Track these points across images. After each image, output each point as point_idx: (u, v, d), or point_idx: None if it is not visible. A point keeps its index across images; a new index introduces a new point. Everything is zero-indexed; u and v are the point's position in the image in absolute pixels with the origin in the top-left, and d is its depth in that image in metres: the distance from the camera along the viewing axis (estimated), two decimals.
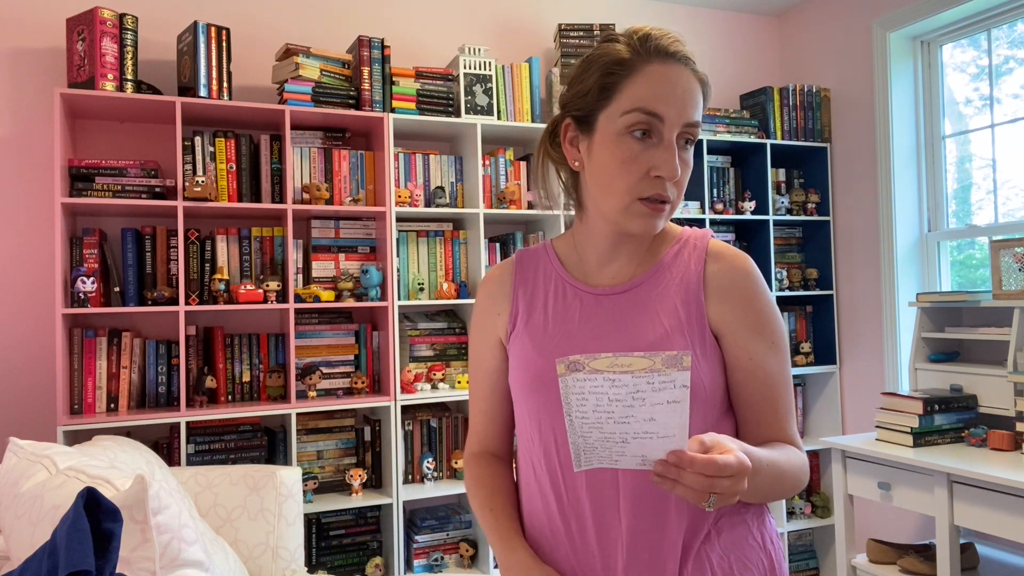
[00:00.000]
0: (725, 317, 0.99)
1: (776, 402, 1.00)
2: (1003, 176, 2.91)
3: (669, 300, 1.01)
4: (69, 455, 1.50)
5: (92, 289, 2.30)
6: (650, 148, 0.96)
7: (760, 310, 1.00)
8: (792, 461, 0.98)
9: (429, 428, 2.82)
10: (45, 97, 2.53)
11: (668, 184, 0.97)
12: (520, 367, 1.07)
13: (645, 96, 0.95)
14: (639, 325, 1.00)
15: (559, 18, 3.30)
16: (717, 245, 1.04)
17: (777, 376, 1.00)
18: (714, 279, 1.01)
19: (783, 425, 1.01)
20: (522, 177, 2.99)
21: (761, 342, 0.99)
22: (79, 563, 0.97)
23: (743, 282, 1.01)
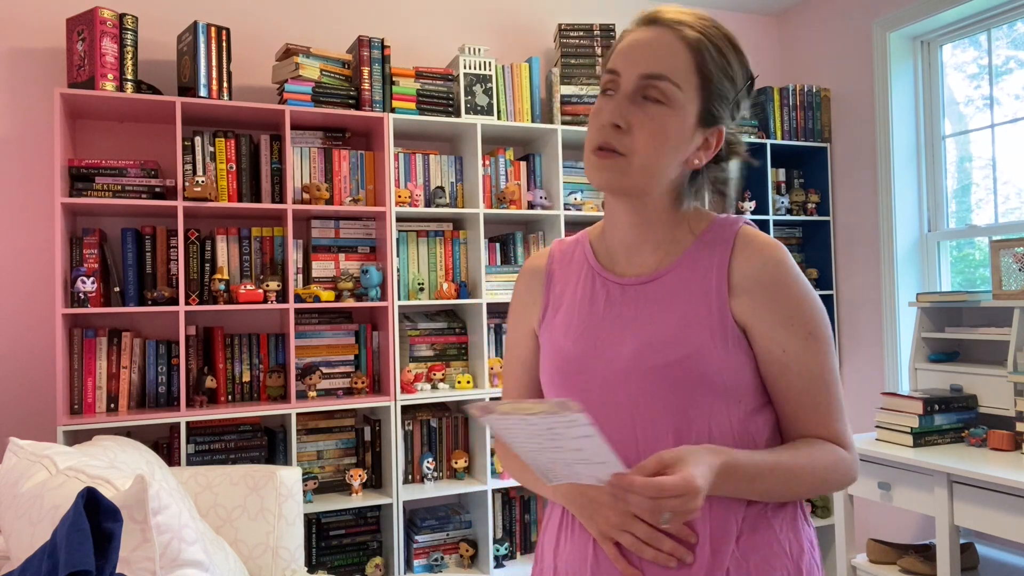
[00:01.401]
0: (751, 310, 0.95)
1: (816, 396, 0.96)
2: (1003, 176, 2.91)
3: (692, 292, 0.98)
4: (69, 455, 1.50)
5: (92, 289, 2.30)
6: (607, 101, 0.98)
7: (791, 300, 0.95)
8: (818, 458, 0.94)
9: (429, 428, 2.82)
10: (45, 97, 2.53)
11: (617, 135, 0.95)
12: (547, 358, 1.06)
13: (610, 56, 1.00)
14: (660, 318, 0.98)
15: (559, 18, 3.30)
16: (747, 233, 1.00)
17: (815, 369, 0.95)
18: (739, 270, 0.97)
19: (825, 420, 0.96)
20: (522, 177, 2.99)
21: (794, 334, 0.95)
22: (79, 563, 0.97)
23: (771, 273, 0.96)
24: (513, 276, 2.89)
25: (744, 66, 1.01)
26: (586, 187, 3.10)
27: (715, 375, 0.94)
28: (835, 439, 0.97)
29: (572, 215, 2.90)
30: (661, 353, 0.95)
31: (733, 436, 0.95)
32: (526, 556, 2.90)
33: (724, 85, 0.99)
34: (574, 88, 2.99)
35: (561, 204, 2.88)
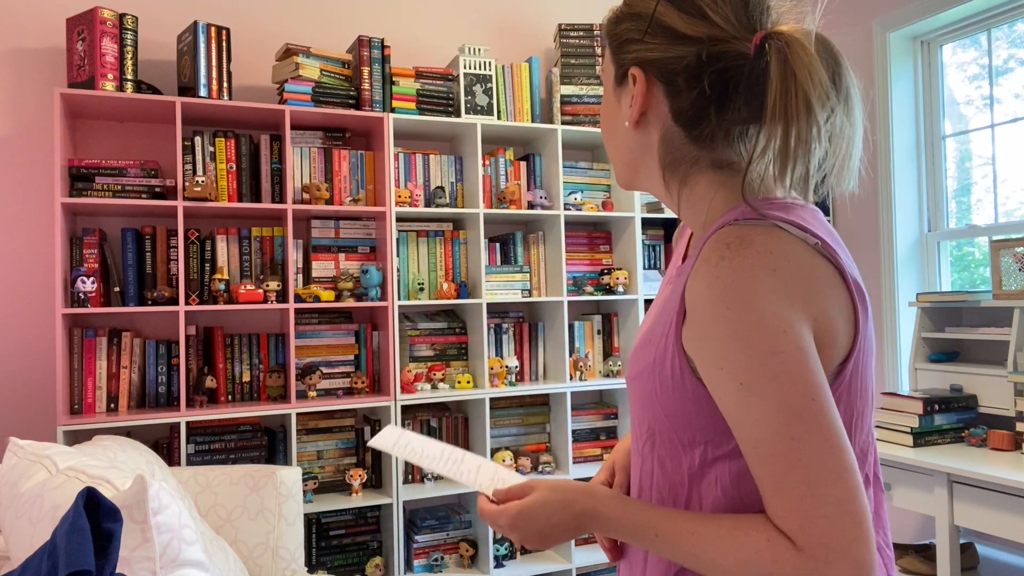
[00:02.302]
0: (692, 343, 0.75)
1: (756, 468, 0.70)
2: (1003, 176, 2.91)
3: (667, 305, 0.81)
4: (69, 455, 1.50)
5: (92, 289, 2.30)
6: None
7: (717, 339, 0.71)
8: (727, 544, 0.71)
9: (429, 428, 2.81)
10: (45, 97, 2.53)
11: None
12: None
13: None
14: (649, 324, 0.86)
15: (559, 18, 3.30)
16: (716, 238, 0.74)
17: (751, 432, 0.70)
18: (688, 294, 0.75)
19: (772, 502, 0.69)
20: (522, 177, 2.99)
21: (723, 384, 0.72)
22: (79, 563, 0.97)
23: (703, 300, 0.73)
24: (513, 276, 2.89)
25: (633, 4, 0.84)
26: (586, 187, 3.10)
27: (656, 408, 0.81)
28: (785, 529, 0.68)
29: (572, 215, 2.90)
30: (629, 365, 0.87)
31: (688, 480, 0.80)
32: (526, 556, 2.90)
33: (622, 28, 0.84)
34: (574, 88, 2.99)
35: (561, 204, 2.88)
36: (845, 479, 0.67)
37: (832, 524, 0.66)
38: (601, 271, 3.09)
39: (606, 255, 3.13)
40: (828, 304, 0.73)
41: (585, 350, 3.06)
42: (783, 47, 0.72)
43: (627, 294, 2.99)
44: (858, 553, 0.65)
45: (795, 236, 0.73)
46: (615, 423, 3.10)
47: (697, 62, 0.77)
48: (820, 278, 0.73)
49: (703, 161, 0.82)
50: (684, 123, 0.80)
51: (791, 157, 0.72)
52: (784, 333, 0.69)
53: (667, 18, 0.79)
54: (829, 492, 0.66)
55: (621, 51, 0.84)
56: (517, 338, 2.97)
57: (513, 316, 3.01)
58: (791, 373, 0.69)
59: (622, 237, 3.08)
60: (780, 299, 0.70)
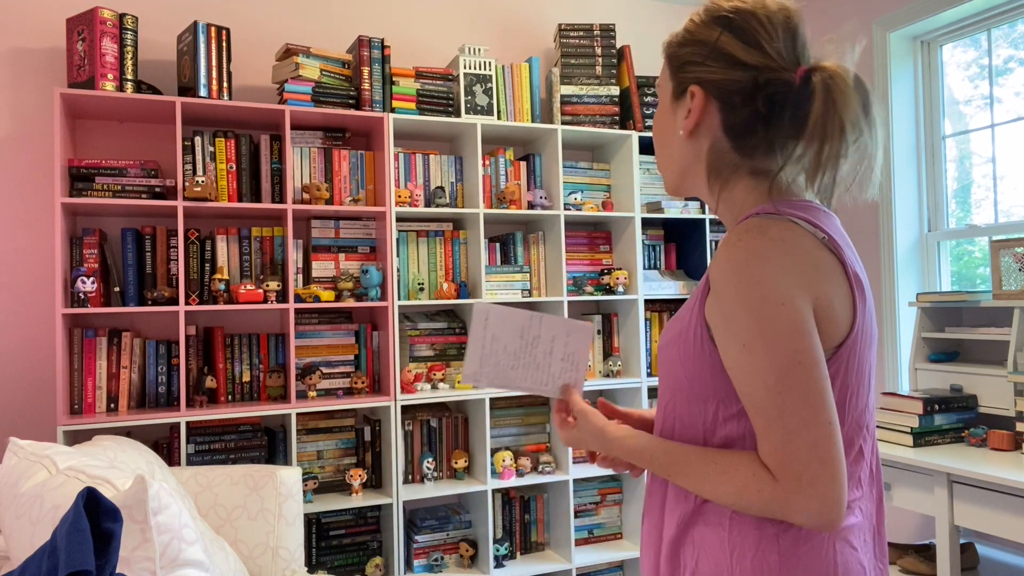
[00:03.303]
0: (711, 314, 0.91)
1: (753, 417, 0.86)
2: (1003, 175, 2.91)
3: (699, 289, 0.97)
4: (69, 455, 1.50)
5: (92, 289, 2.30)
6: None
7: (728, 305, 0.87)
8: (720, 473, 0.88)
9: (429, 428, 2.82)
10: (45, 97, 2.53)
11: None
12: None
13: None
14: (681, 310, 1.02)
15: (559, 18, 3.30)
16: (737, 230, 0.90)
17: (748, 387, 0.86)
18: (710, 271, 0.92)
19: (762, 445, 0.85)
20: (522, 177, 2.99)
21: (730, 344, 0.88)
22: (79, 563, 0.97)
23: (720, 274, 0.88)
24: (513, 276, 2.89)
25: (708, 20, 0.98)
26: (586, 187, 3.10)
27: (679, 370, 0.96)
28: (770, 466, 0.85)
29: (572, 215, 2.90)
30: (662, 337, 1.02)
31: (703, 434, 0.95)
32: (526, 556, 2.90)
33: (685, 51, 1.00)
34: (574, 88, 2.99)
35: (561, 204, 2.88)
36: (819, 428, 0.82)
37: (804, 463, 0.82)
38: (601, 271, 3.09)
39: (606, 255, 3.13)
40: (829, 289, 0.87)
41: None
42: (828, 79, 0.89)
43: (627, 294, 2.99)
44: (823, 488, 0.81)
45: (806, 230, 0.89)
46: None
47: (752, 85, 0.94)
48: (823, 267, 0.87)
49: (743, 168, 0.98)
50: (733, 135, 0.96)
51: (821, 167, 0.90)
52: (782, 305, 0.84)
53: (728, 46, 0.95)
54: (805, 438, 0.82)
55: (682, 71, 0.99)
56: None
57: None
58: (782, 339, 0.84)
59: (622, 237, 3.08)
60: (785, 278, 0.85)
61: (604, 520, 3.05)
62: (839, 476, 0.82)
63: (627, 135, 3.00)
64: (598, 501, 3.04)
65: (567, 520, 2.83)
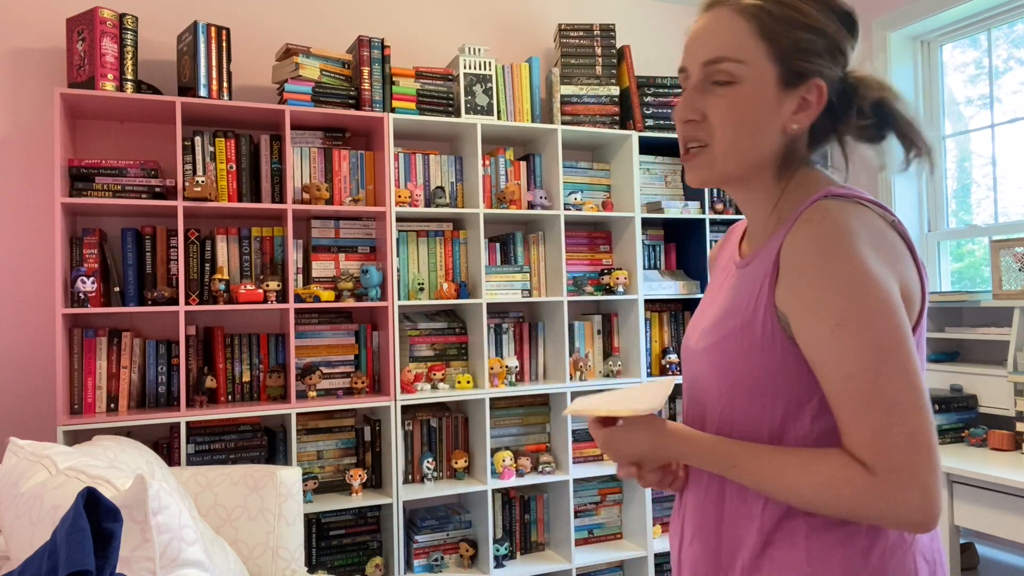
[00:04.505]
0: (786, 295, 0.85)
1: (843, 400, 0.79)
2: (1003, 176, 2.91)
3: (756, 276, 0.91)
4: (69, 455, 1.50)
5: (92, 289, 2.30)
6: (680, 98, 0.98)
7: (817, 285, 0.81)
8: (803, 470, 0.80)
9: (429, 428, 2.82)
10: (45, 97, 2.53)
11: (691, 127, 0.94)
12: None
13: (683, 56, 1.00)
14: (723, 300, 0.97)
15: (559, 18, 3.30)
16: (817, 207, 0.85)
17: (840, 369, 0.79)
18: (785, 250, 0.86)
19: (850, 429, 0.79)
20: (522, 177, 2.99)
21: (818, 326, 0.81)
22: (79, 563, 0.97)
23: (803, 252, 0.83)
24: (513, 276, 2.89)
25: (826, 8, 0.92)
26: (586, 187, 3.10)
27: (742, 366, 0.89)
28: (861, 458, 0.78)
29: (572, 215, 2.90)
30: (704, 338, 0.96)
31: (768, 436, 0.88)
32: (526, 556, 2.90)
33: (802, 37, 0.90)
34: (574, 88, 2.99)
35: (561, 204, 2.88)
36: (920, 415, 0.76)
37: (905, 453, 0.75)
38: (601, 271, 3.09)
39: (606, 255, 3.13)
40: (905, 270, 0.85)
41: (585, 350, 3.06)
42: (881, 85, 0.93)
43: (627, 294, 2.99)
44: (925, 480, 0.74)
45: (877, 213, 0.87)
46: None
47: (843, 84, 0.93)
48: (899, 248, 0.86)
49: (806, 161, 0.96)
50: (815, 130, 0.95)
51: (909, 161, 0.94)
52: (877, 280, 0.80)
53: (844, 43, 0.92)
54: (905, 424, 0.75)
55: (799, 57, 0.90)
56: (517, 338, 2.97)
57: (513, 316, 3.01)
58: (883, 315, 0.78)
59: (622, 237, 3.08)
60: (874, 255, 0.82)
61: (604, 520, 3.05)
62: (939, 467, 0.75)
63: (627, 135, 3.00)
64: (598, 501, 3.04)
65: (567, 520, 2.83)
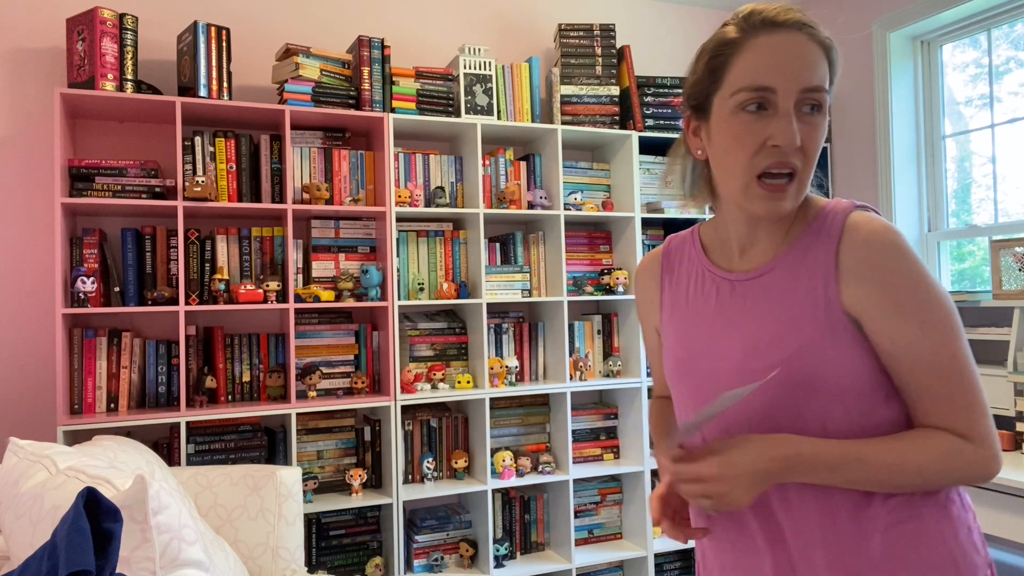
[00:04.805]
0: (861, 300, 0.92)
1: (934, 387, 0.91)
2: (1003, 176, 2.91)
3: (800, 285, 0.96)
4: (69, 455, 1.50)
5: (92, 289, 2.30)
6: (764, 119, 0.93)
7: (901, 288, 0.90)
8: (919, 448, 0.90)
9: (429, 428, 2.82)
10: (45, 97, 2.53)
11: (792, 153, 0.93)
12: (668, 356, 1.11)
13: (754, 71, 0.93)
14: (766, 315, 0.97)
15: (559, 18, 3.30)
16: (856, 219, 0.94)
17: (932, 360, 0.90)
18: (847, 258, 0.93)
19: (946, 412, 0.91)
20: (522, 177, 2.99)
21: (906, 324, 0.90)
22: (79, 563, 0.97)
23: (879, 258, 0.91)
24: (513, 276, 2.89)
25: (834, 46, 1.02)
26: (586, 187, 3.10)
27: (824, 372, 0.92)
28: (957, 431, 0.91)
29: (572, 215, 2.90)
30: (766, 355, 0.95)
31: (852, 432, 0.94)
32: (526, 556, 2.90)
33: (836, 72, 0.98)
34: (574, 88, 2.99)
35: (561, 204, 2.88)
36: (982, 391, 0.92)
37: (987, 422, 0.91)
38: (601, 271, 3.09)
39: (606, 255, 3.13)
40: None
41: (585, 350, 3.06)
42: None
43: (627, 294, 2.99)
44: (998, 444, 0.92)
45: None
46: (615, 423, 3.10)
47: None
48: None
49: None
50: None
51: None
52: (936, 281, 0.92)
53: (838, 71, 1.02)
54: (981, 399, 0.91)
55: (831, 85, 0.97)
56: (517, 338, 2.97)
57: (513, 316, 3.01)
58: (950, 310, 0.91)
59: (622, 237, 3.08)
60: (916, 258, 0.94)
61: (604, 520, 3.05)
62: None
63: (627, 135, 3.00)
64: (598, 501, 3.04)
65: (567, 520, 2.83)
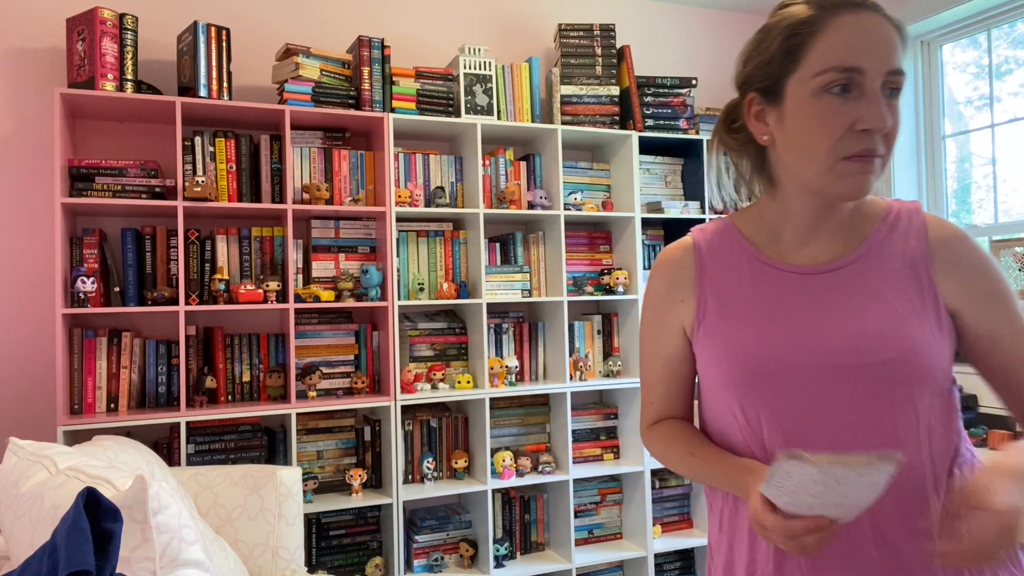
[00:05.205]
0: (960, 292, 0.95)
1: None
2: (1003, 176, 2.91)
3: (895, 280, 0.95)
4: (69, 455, 1.50)
5: (92, 289, 2.30)
6: (851, 102, 0.90)
7: (992, 275, 0.96)
8: None
9: (429, 428, 2.82)
10: (45, 97, 2.53)
11: (876, 137, 0.90)
12: (725, 359, 0.99)
13: (838, 51, 0.90)
14: (868, 306, 0.94)
15: (559, 18, 3.30)
16: (931, 216, 0.99)
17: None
18: (942, 253, 0.96)
19: None
20: (522, 177, 2.99)
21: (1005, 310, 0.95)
22: (79, 563, 0.97)
23: (968, 251, 0.96)
24: (513, 276, 2.89)
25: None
26: (586, 187, 3.10)
27: (932, 365, 0.92)
28: None
29: (572, 215, 2.90)
30: (877, 349, 0.92)
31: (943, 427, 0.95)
32: (526, 556, 2.90)
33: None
34: (574, 88, 2.99)
35: (561, 204, 2.88)
36: None
37: None
38: (601, 271, 3.09)
39: (606, 255, 3.13)
40: None
41: (585, 350, 3.06)
42: None
43: (627, 294, 2.99)
44: None
45: None
46: (615, 423, 3.10)
47: None
48: None
49: None
50: None
51: None
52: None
53: None
54: None
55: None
56: (517, 338, 2.97)
57: (513, 316, 3.01)
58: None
59: (622, 237, 3.08)
60: None
61: (604, 520, 3.05)
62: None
63: (627, 135, 3.00)
64: (598, 501, 3.04)
65: (567, 520, 2.83)
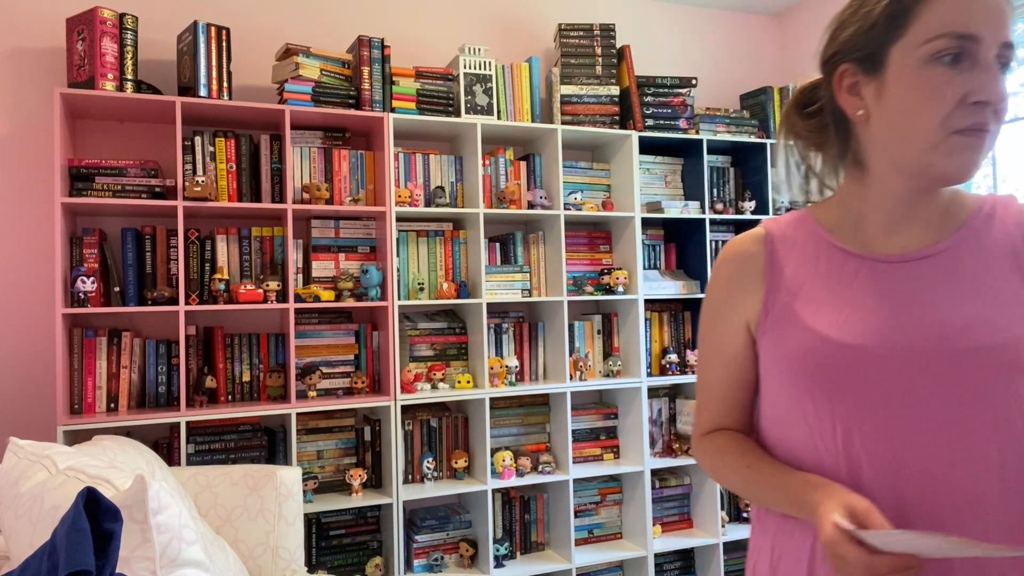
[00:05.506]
0: None
1: None
2: (1003, 176, 2.91)
3: (995, 267, 0.90)
4: (69, 455, 1.50)
5: (92, 289, 2.30)
6: (963, 73, 0.84)
7: None
8: None
9: (429, 428, 2.82)
10: (45, 97, 2.53)
11: (988, 112, 0.84)
12: (795, 354, 0.94)
13: (953, 17, 0.83)
14: (966, 294, 0.89)
15: (559, 18, 3.30)
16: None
17: None
18: None
19: None
20: (522, 177, 2.99)
21: None
22: (79, 563, 0.97)
23: None
24: (513, 276, 2.89)
25: None
26: (586, 187, 3.10)
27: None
28: None
29: (572, 215, 2.90)
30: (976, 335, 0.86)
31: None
32: (526, 556, 2.90)
33: None
34: (574, 88, 2.99)
35: (561, 204, 2.88)
36: None
37: None
38: (601, 271, 3.09)
39: (606, 255, 3.13)
40: None
41: (585, 350, 3.06)
42: None
43: (627, 294, 2.99)
44: None
45: None
46: (615, 423, 3.10)
47: None
48: None
49: None
50: None
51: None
52: None
53: None
54: None
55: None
56: (517, 338, 2.97)
57: (513, 316, 3.01)
58: None
59: (622, 237, 3.08)
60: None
61: (604, 520, 3.05)
62: None
63: (627, 135, 3.00)
64: (598, 501, 3.04)
65: (567, 520, 2.83)
